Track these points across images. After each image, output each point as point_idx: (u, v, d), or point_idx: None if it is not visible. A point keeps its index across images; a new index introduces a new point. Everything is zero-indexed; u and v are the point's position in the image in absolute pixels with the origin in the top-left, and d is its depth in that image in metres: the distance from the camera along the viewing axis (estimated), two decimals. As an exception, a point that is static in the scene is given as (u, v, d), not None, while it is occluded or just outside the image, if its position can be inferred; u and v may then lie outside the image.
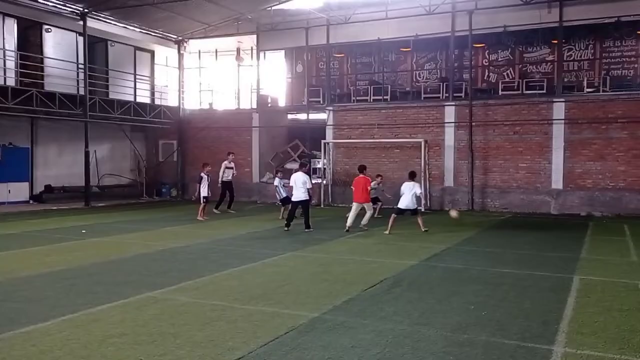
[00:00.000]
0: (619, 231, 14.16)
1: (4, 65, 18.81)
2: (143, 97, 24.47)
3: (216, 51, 26.45)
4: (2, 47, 18.62)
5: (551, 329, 5.65)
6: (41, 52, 19.97)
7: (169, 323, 5.95)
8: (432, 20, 21.06)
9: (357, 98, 23.33)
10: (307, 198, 14.07)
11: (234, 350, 5.08)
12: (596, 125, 18.99)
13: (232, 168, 19.08)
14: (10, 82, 18.83)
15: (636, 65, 21.52)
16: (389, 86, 23.16)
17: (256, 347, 5.16)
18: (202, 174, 17.42)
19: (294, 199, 14.17)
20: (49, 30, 20.12)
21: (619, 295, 7.17)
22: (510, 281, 8.01)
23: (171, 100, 26.03)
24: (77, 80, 21.09)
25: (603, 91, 19.79)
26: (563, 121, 19.31)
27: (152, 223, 15.90)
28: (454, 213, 14.22)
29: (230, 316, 6.25)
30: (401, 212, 13.60)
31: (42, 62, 20.02)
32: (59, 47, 20.45)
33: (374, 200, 16.49)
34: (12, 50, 18.99)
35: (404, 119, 21.59)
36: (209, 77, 27.18)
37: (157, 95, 25.53)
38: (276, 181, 17.47)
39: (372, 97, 22.81)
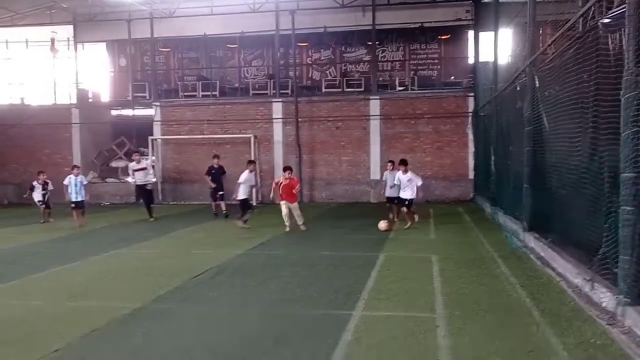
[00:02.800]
0: (425, 215, 15.90)
1: None
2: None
3: (27, 41, 24.32)
4: None
5: (354, 298, 6.38)
6: None
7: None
8: (258, 18, 21.64)
9: (186, 94, 23.12)
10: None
11: (51, 345, 5.00)
12: (407, 121, 21.04)
13: (143, 169, 15.72)
14: None
15: (439, 67, 24.23)
16: (218, 82, 23.30)
17: (73, 340, 5.13)
18: (34, 183, 16.34)
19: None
20: None
21: (413, 267, 8.24)
22: (325, 262, 8.73)
23: (-26, 95, 23.46)
24: None
25: (412, 90, 22.00)
26: (379, 117, 21.09)
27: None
28: (382, 225, 12.62)
29: (48, 314, 6.07)
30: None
31: None
32: None
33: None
34: None
35: (233, 114, 21.90)
36: (20, 70, 24.91)
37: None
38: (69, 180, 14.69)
39: (200, 93, 22.77)
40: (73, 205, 14.53)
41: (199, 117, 22.11)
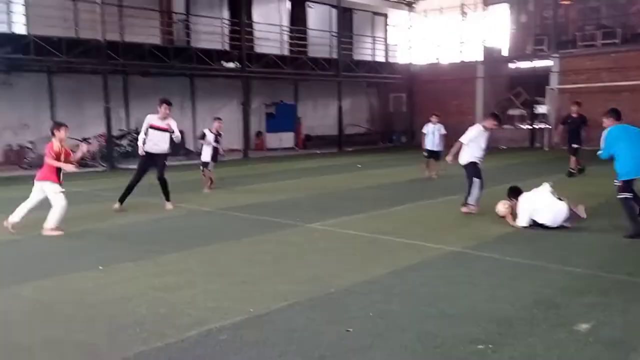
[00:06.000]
0: None
1: (281, 38, 23.71)
2: (379, 57, 28.05)
3: (441, 9, 28.76)
4: (280, 23, 23.56)
5: None
6: (305, 25, 24.58)
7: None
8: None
9: (584, 43, 23.95)
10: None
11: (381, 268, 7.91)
12: None
13: (164, 130, 10.00)
14: (285, 51, 23.72)
15: None
16: (619, 29, 23.33)
17: (399, 267, 6.73)
18: (205, 131, 12.86)
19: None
20: (311, 6, 24.57)
21: None
22: None
23: (401, 58, 29.26)
24: (331, 46, 25.32)
25: None
26: None
27: (400, 161, 19.47)
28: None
29: (379, 244, 9.10)
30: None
31: (305, 33, 24.64)
32: (317, 20, 24.87)
33: None
34: (286, 26, 23.87)
35: (636, 62, 21.85)
36: (435, 34, 29.67)
37: (390, 54, 28.94)
38: None
39: (600, 42, 23.29)
40: (426, 154, 14.57)
41: (597, 65, 22.81)
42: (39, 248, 7.41)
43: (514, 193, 8.38)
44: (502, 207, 8.43)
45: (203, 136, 12.62)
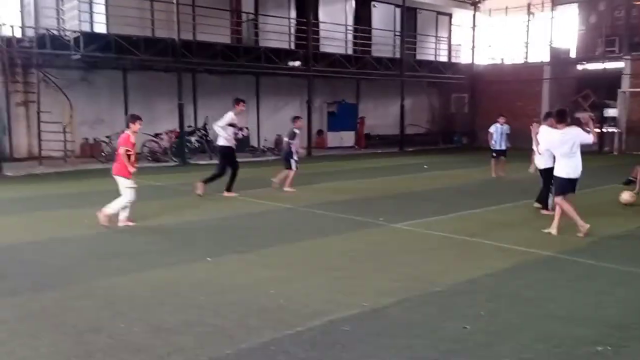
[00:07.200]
0: None
1: (346, 37, 23.91)
2: (442, 57, 27.85)
3: (506, 8, 28.29)
4: (345, 23, 23.78)
5: None
6: (370, 24, 24.71)
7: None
8: None
9: (659, 46, 23.18)
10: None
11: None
12: None
13: (234, 126, 11.38)
14: (350, 51, 23.91)
15: None
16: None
17: (497, 271, 7.08)
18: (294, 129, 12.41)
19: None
20: (375, 5, 24.69)
21: None
22: None
23: (464, 58, 28.96)
24: (394, 46, 25.35)
25: None
26: None
27: (464, 163, 19.34)
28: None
29: (469, 244, 9.01)
30: None
31: (370, 33, 24.76)
32: (381, 19, 24.96)
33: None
34: (351, 25, 24.07)
35: None
36: (499, 34, 29.23)
37: (453, 53, 28.68)
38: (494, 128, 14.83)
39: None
40: (494, 154, 14.73)
41: (674, 68, 22.05)
42: (140, 240, 7.86)
43: (561, 116, 7.96)
44: (627, 196, 9.87)
45: (294, 136, 12.28)
